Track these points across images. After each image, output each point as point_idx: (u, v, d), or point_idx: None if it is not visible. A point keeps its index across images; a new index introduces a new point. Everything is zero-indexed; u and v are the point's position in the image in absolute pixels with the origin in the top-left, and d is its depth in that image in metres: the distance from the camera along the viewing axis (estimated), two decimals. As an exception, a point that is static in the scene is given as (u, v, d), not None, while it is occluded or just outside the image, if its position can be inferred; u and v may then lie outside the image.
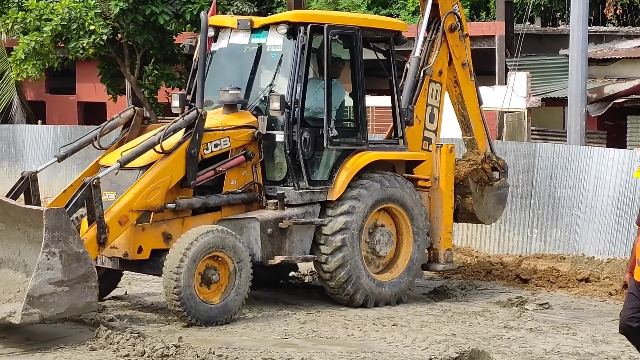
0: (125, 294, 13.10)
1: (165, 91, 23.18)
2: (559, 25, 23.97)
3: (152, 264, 11.49)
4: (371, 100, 15.38)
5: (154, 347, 10.11)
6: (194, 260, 10.90)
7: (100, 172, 11.51)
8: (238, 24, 12.59)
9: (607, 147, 17.27)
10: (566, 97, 17.61)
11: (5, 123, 30.55)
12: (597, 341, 10.94)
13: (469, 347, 10.26)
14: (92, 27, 21.92)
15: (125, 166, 11.41)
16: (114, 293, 13.04)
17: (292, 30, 12.17)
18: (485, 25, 21.87)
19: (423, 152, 13.38)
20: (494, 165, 14.32)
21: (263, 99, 12.41)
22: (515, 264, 14.57)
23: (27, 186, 11.92)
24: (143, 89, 22.59)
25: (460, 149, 14.71)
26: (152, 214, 11.56)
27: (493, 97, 20.10)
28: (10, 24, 21.04)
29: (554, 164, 15.39)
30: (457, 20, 13.94)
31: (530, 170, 15.63)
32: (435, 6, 13.57)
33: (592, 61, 18.71)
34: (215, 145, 11.91)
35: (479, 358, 9.98)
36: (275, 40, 12.40)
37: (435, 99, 13.70)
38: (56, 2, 20.76)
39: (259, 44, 12.68)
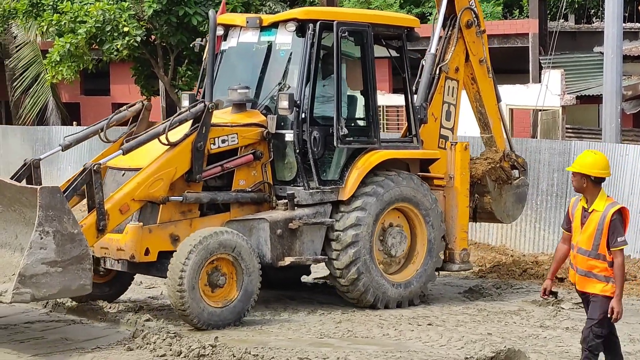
0: (161, 294, 13.14)
1: (198, 91, 23.25)
2: (593, 23, 23.86)
3: (159, 266, 11.36)
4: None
5: (190, 346, 10.17)
6: (198, 264, 10.79)
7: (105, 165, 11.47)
8: (247, 22, 12.58)
9: (643, 144, 17.14)
10: (601, 94, 17.54)
11: (40, 124, 30.79)
12: (634, 340, 10.91)
13: (504, 347, 10.24)
14: (126, 29, 22.03)
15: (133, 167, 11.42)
16: (150, 293, 13.14)
17: (301, 27, 12.08)
18: (519, 23, 21.81)
19: (437, 150, 13.23)
20: (513, 163, 14.15)
21: (272, 98, 12.30)
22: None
23: (30, 172, 11.78)
24: (177, 90, 22.66)
25: (479, 147, 14.65)
26: (159, 215, 11.42)
27: (527, 95, 20.05)
28: (45, 27, 21.18)
29: (590, 161, 15.30)
30: (474, 16, 13.76)
31: (565, 169, 15.55)
32: (451, 2, 13.43)
33: (627, 58, 18.60)
34: (223, 141, 11.78)
35: (515, 357, 9.97)
36: (284, 38, 12.30)
37: (452, 96, 13.54)
38: (90, 4, 20.88)
39: (268, 42, 12.57)
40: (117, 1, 21.32)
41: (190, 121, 11.60)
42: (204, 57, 13.29)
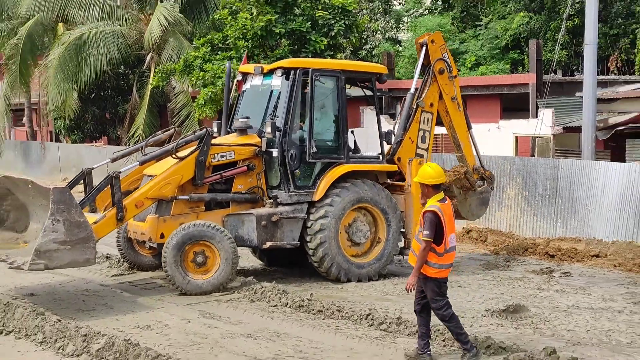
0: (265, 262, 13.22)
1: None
2: (575, 75, 23.47)
3: None
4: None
5: (294, 299, 10.29)
6: (179, 248, 10.51)
7: (124, 173, 11.36)
8: (254, 70, 12.30)
9: (611, 161, 16.86)
10: (581, 126, 17.30)
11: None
12: (605, 299, 10.76)
13: (513, 302, 10.21)
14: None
15: None
16: (254, 264, 13.27)
17: (286, 73, 11.77)
18: (522, 76, 21.52)
19: (393, 165, 12.45)
20: (481, 175, 13.49)
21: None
22: (545, 244, 14.30)
23: (83, 178, 11.57)
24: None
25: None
26: (172, 209, 11.12)
27: (528, 126, 19.84)
28: (194, 81, 21.44)
29: (572, 173, 15.08)
30: (447, 65, 12.98)
31: (555, 178, 15.35)
32: (427, 54, 12.85)
33: (599, 100, 18.30)
34: (222, 156, 11.42)
35: (520, 310, 9.93)
36: (276, 81, 11.92)
37: (427, 125, 12.84)
38: (224, 66, 21.11)
39: (267, 84, 12.21)
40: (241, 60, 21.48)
41: (197, 142, 11.42)
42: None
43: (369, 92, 12.93)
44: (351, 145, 12.52)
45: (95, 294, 10.96)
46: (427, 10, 29.70)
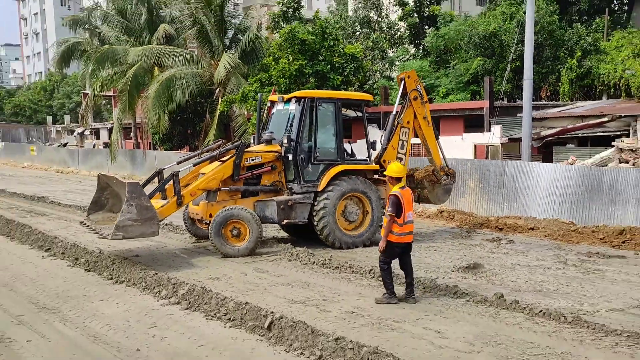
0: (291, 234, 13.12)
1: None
2: (517, 101, 23.20)
3: None
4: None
5: (319, 259, 10.23)
6: (220, 223, 10.55)
7: (182, 173, 11.31)
8: (278, 99, 12.16)
9: (542, 162, 16.67)
10: (521, 137, 17.11)
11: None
12: (539, 259, 10.64)
13: (472, 261, 10.14)
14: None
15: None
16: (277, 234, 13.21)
17: (299, 101, 11.71)
18: (479, 102, 21.27)
19: (376, 165, 12.10)
20: (446, 172, 13.01)
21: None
22: (495, 221, 14.17)
23: (157, 176, 11.55)
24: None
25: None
26: (217, 197, 11.11)
27: (483, 138, 19.65)
28: (248, 107, 21.41)
29: (515, 171, 14.94)
30: (419, 94, 12.46)
31: (502, 174, 15.19)
32: (404, 87, 12.46)
33: (534, 119, 18.06)
34: (252, 160, 11.38)
35: (477, 267, 9.87)
36: (293, 107, 11.75)
37: (405, 136, 12.45)
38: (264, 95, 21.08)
39: (287, 109, 12.04)
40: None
41: (234, 150, 11.43)
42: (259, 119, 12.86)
43: (359, 114, 12.78)
44: (348, 151, 12.38)
45: (180, 255, 11.04)
46: (412, 57, 29.57)
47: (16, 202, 18.96)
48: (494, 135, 19.11)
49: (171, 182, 10.96)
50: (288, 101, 12.03)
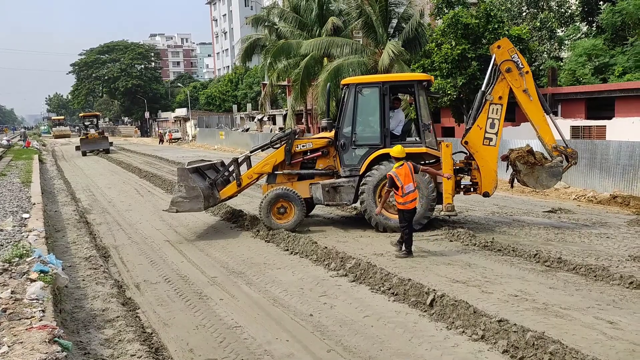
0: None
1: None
2: None
3: None
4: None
5: (480, 241, 9.85)
6: (270, 202, 11.01)
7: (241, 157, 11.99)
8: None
9: None
10: None
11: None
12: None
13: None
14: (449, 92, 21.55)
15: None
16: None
17: (343, 88, 11.41)
18: None
19: (423, 148, 10.86)
20: (561, 152, 11.01)
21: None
22: None
23: (233, 163, 11.78)
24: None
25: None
26: (276, 179, 11.51)
27: None
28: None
29: None
30: (515, 64, 10.81)
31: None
32: (494, 59, 10.93)
33: None
34: (303, 146, 11.49)
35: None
36: (345, 94, 11.34)
37: (496, 114, 10.92)
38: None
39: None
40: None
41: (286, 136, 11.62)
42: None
43: (411, 97, 11.74)
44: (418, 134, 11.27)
45: (347, 231, 11.32)
46: (584, 35, 26.87)
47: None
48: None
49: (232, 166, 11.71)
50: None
